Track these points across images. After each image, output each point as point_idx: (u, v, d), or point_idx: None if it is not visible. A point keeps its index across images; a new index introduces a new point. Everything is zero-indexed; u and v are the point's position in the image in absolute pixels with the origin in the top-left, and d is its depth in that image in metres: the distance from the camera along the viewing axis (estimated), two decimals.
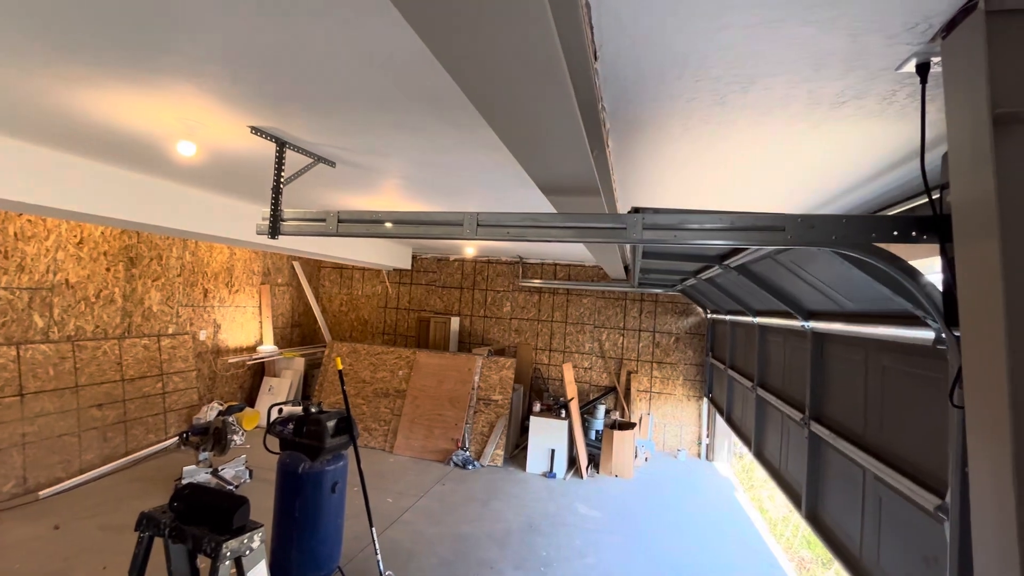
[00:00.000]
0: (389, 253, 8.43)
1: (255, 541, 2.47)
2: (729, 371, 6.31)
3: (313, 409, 3.79)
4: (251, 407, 7.94)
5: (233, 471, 5.56)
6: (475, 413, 7.26)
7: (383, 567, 3.89)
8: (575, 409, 7.02)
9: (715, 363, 7.37)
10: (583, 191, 2.11)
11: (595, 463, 7.15)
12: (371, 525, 3.91)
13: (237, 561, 2.42)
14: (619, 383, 8.38)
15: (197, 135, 2.87)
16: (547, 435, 6.86)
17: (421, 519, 5.17)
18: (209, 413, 6.74)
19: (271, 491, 3.74)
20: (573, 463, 7.02)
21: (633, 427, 7.27)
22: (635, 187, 3.25)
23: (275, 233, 2.77)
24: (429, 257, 9.48)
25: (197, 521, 2.46)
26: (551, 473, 6.68)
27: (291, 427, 3.73)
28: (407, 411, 7.46)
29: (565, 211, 2.60)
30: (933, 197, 1.63)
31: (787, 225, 1.90)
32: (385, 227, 2.49)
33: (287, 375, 8.36)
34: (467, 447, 7.02)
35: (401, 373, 7.77)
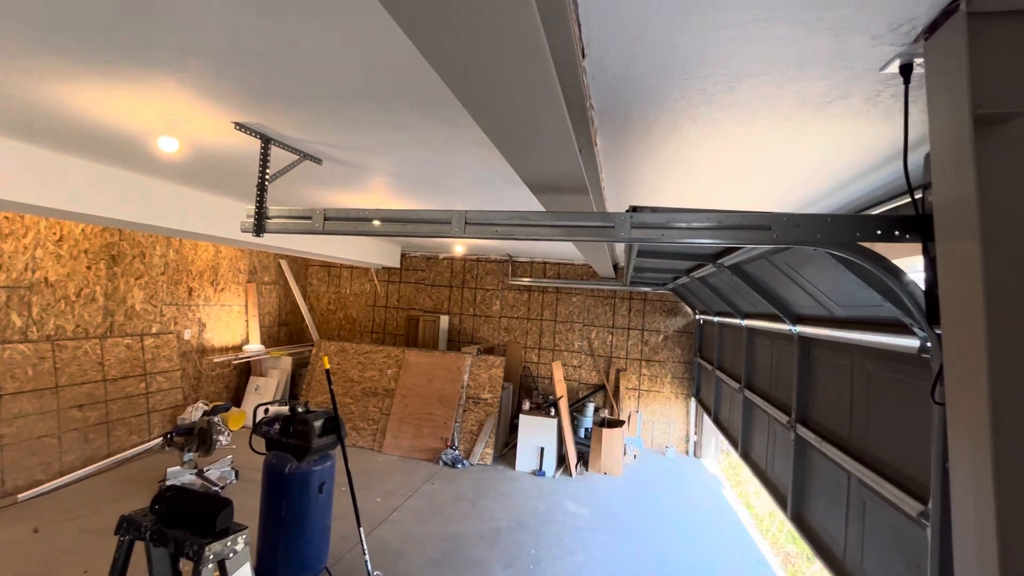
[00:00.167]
0: (378, 251, 8.37)
1: (239, 543, 2.44)
2: (717, 372, 6.35)
3: (300, 409, 3.75)
4: (237, 407, 7.84)
5: (219, 472, 5.49)
6: (464, 412, 7.25)
7: (371, 567, 3.87)
8: (564, 407, 7.03)
9: (703, 364, 7.42)
10: (571, 190, 2.11)
11: (584, 461, 7.18)
12: (359, 525, 3.88)
13: (220, 564, 2.38)
14: (608, 381, 8.42)
15: (179, 131, 2.82)
16: (536, 433, 6.86)
17: (410, 518, 5.15)
18: (194, 413, 6.65)
19: (258, 492, 3.69)
20: (562, 461, 7.03)
21: (622, 425, 7.30)
22: (633, 186, 3.25)
23: (260, 231, 2.73)
24: (418, 255, 9.44)
25: (179, 524, 2.42)
26: (540, 471, 6.69)
27: (277, 427, 3.69)
28: (396, 410, 7.42)
29: (554, 210, 2.60)
30: (916, 197, 1.65)
31: (773, 224, 1.91)
32: (372, 225, 2.46)
33: (274, 374, 8.27)
34: (456, 446, 7.00)
35: (390, 372, 7.73)
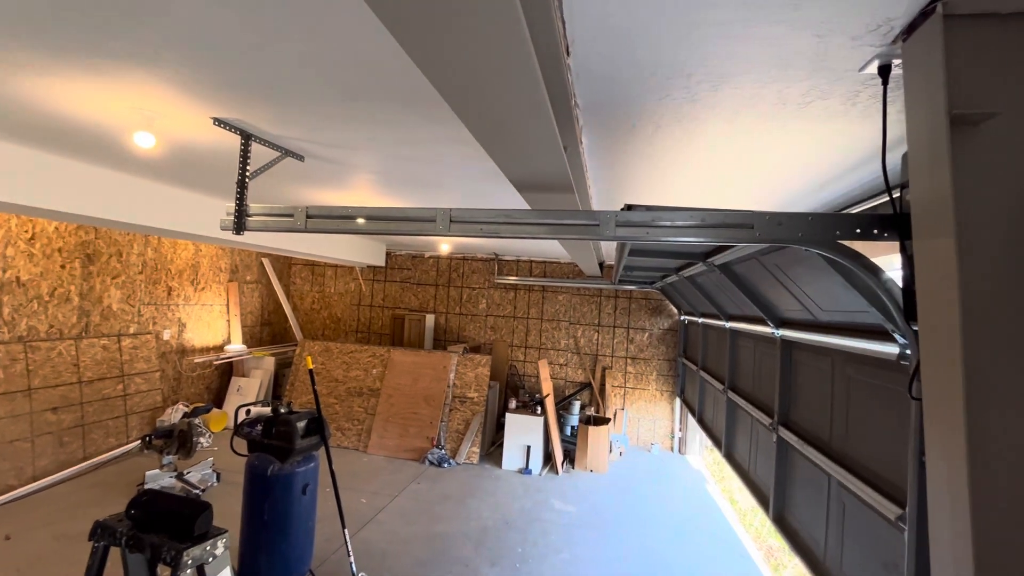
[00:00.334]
0: (362, 250, 8.29)
1: (219, 548, 2.39)
2: (701, 372, 6.40)
3: (283, 410, 3.69)
4: (218, 408, 7.69)
5: (199, 475, 5.38)
6: (450, 411, 7.22)
7: (355, 568, 3.83)
8: (550, 405, 7.05)
9: (687, 364, 7.48)
10: (556, 188, 2.11)
11: (570, 459, 7.20)
12: (343, 526, 3.84)
13: (200, 569, 2.33)
14: (594, 379, 8.46)
15: (156, 126, 2.75)
16: (523, 432, 6.87)
17: (395, 519, 5.11)
18: (174, 415, 6.51)
19: (240, 494, 3.63)
20: (549, 459, 7.05)
21: (608, 422, 7.35)
22: (628, 185, 3.25)
23: (240, 229, 2.68)
24: (404, 254, 9.37)
25: (156, 529, 2.36)
26: (527, 469, 6.70)
27: (260, 428, 3.63)
28: (381, 410, 7.36)
29: (539, 208, 2.59)
30: (894, 196, 1.68)
31: (756, 222, 1.92)
32: (356, 223, 2.43)
33: (256, 375, 8.14)
34: (442, 445, 6.97)
35: (375, 372, 7.66)
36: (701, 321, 6.58)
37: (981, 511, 1.11)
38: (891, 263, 1.99)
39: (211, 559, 2.35)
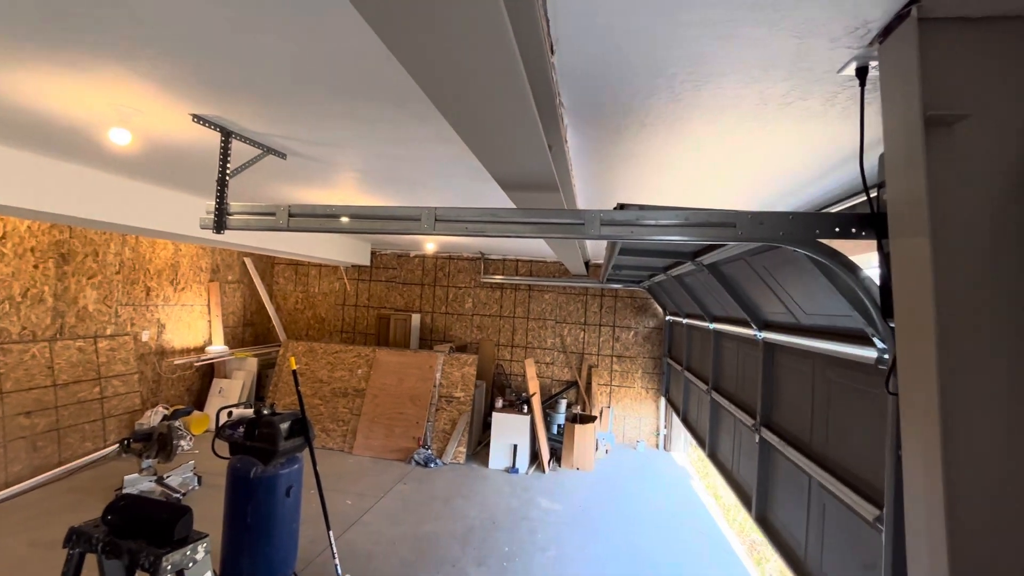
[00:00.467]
0: (347, 249, 8.21)
1: (199, 552, 2.35)
2: (686, 373, 6.45)
3: (265, 411, 3.64)
4: (200, 410, 7.57)
5: (180, 478, 5.28)
6: (437, 411, 7.19)
7: (340, 570, 3.80)
8: (537, 404, 7.06)
9: (672, 364, 7.53)
10: (541, 187, 2.11)
11: (557, 457, 7.22)
12: (328, 528, 3.80)
13: (180, 574, 2.29)
14: (580, 377, 8.50)
15: (132, 122, 2.69)
16: (509, 431, 6.87)
17: (381, 520, 5.08)
18: (153, 418, 6.37)
19: (222, 497, 3.57)
20: (535, 458, 7.06)
21: (594, 420, 7.38)
22: (621, 184, 3.26)
23: (220, 227, 2.64)
24: (389, 253, 9.30)
25: (134, 534, 2.31)
26: (513, 468, 6.70)
27: (242, 430, 3.57)
28: (367, 410, 7.30)
29: (525, 207, 2.59)
30: (871, 195, 1.71)
31: (738, 221, 1.94)
32: (340, 222, 2.41)
33: (239, 376, 8.02)
34: (429, 445, 6.94)
35: (360, 372, 7.60)
36: (686, 322, 6.62)
37: (955, 504, 1.14)
38: (870, 262, 2.03)
39: (191, 564, 2.31)
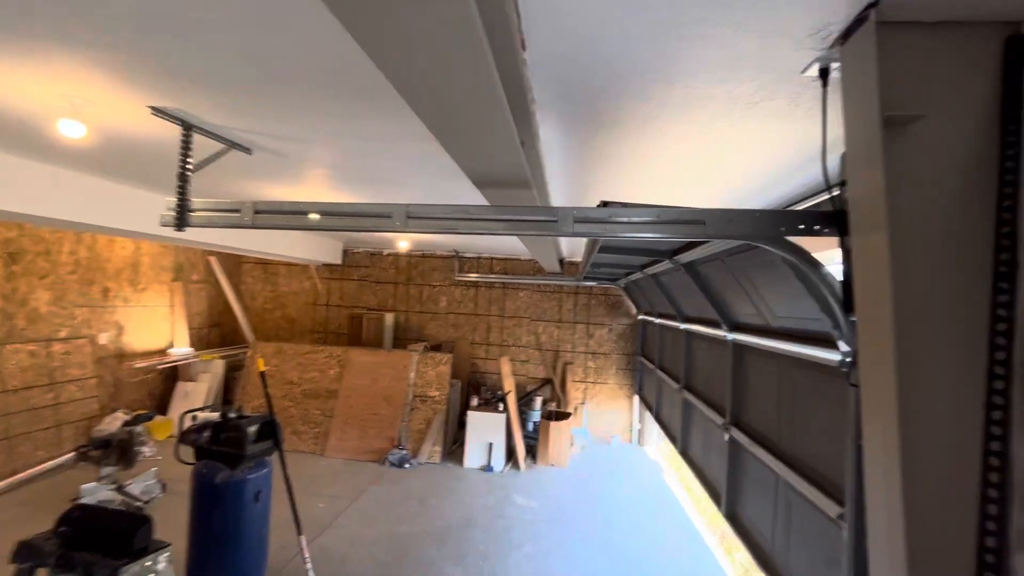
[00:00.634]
0: (317, 247, 8.04)
1: (160, 563, 2.26)
2: (658, 372, 6.55)
3: (232, 414, 3.53)
4: (163, 415, 7.30)
5: (142, 486, 5.08)
6: (411, 411, 7.12)
7: (313, 575, 3.72)
8: (512, 402, 7.07)
9: (645, 362, 7.63)
10: (513, 184, 2.10)
11: (533, 454, 7.25)
12: (299, 532, 3.71)
13: None
14: (556, 374, 8.54)
15: (86, 114, 2.56)
16: (485, 429, 6.86)
17: (355, 522, 5.00)
18: (113, 424, 6.11)
19: (188, 505, 3.44)
20: (511, 455, 7.07)
21: (569, 417, 7.44)
22: (603, 182, 3.27)
23: (182, 225, 2.54)
24: (361, 252, 9.15)
25: (89, 546, 2.20)
26: (489, 467, 6.69)
27: (207, 434, 3.46)
28: (339, 411, 7.17)
29: (498, 204, 2.58)
30: (834, 193, 1.76)
31: (707, 219, 1.97)
32: (308, 219, 2.34)
33: (205, 379, 7.76)
34: (404, 445, 6.87)
35: (332, 372, 7.45)
36: (659, 321, 6.70)
37: (912, 492, 1.18)
38: (835, 258, 2.09)
39: (152, 575, 2.22)
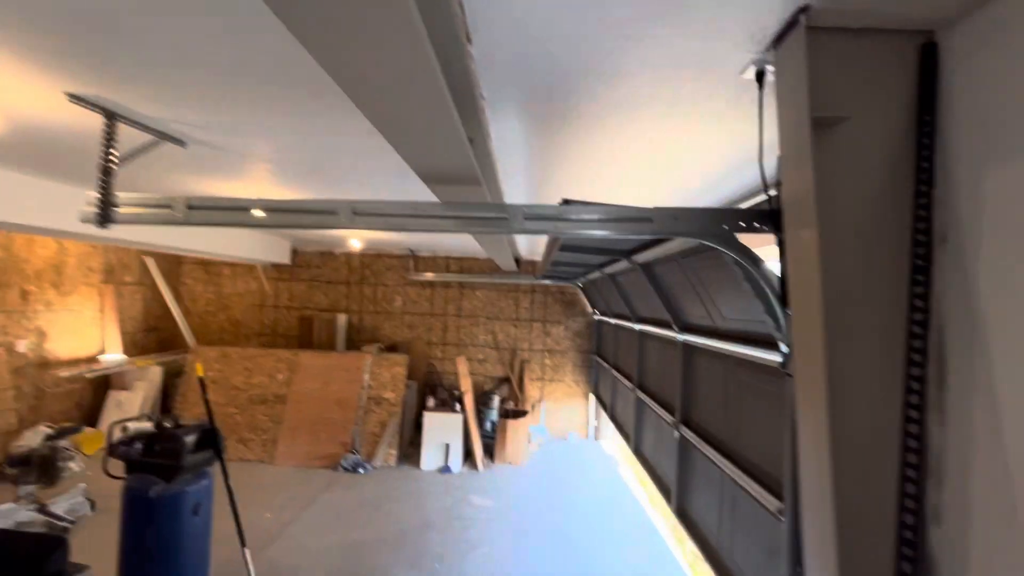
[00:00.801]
0: (264, 247, 7.70)
1: None
2: (613, 371, 6.67)
3: (168, 424, 3.32)
4: (92, 427, 6.79)
5: (67, 504, 4.70)
6: (366, 414, 6.95)
7: None
8: (469, 402, 7.03)
9: (600, 362, 7.76)
10: (462, 180, 2.07)
11: (491, 453, 7.23)
12: (243, 545, 3.54)
13: None
14: (513, 373, 8.56)
15: None
16: (442, 430, 6.78)
17: (306, 532, 4.82)
18: (34, 438, 5.63)
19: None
20: (469, 456, 7.03)
21: (526, 415, 7.47)
22: (564, 180, 3.27)
23: (105, 221, 2.35)
24: (311, 251, 8.84)
25: None
26: (446, 468, 6.63)
27: (140, 446, 3.23)
28: (289, 417, 6.90)
29: (449, 200, 2.54)
30: (771, 193, 1.84)
31: (654, 217, 2.02)
32: (249, 215, 2.23)
33: (140, 387, 7.28)
34: (357, 450, 6.69)
35: (281, 377, 7.17)
36: (613, 321, 6.83)
37: (840, 471, 1.25)
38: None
39: None
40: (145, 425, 3.40)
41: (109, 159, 2.47)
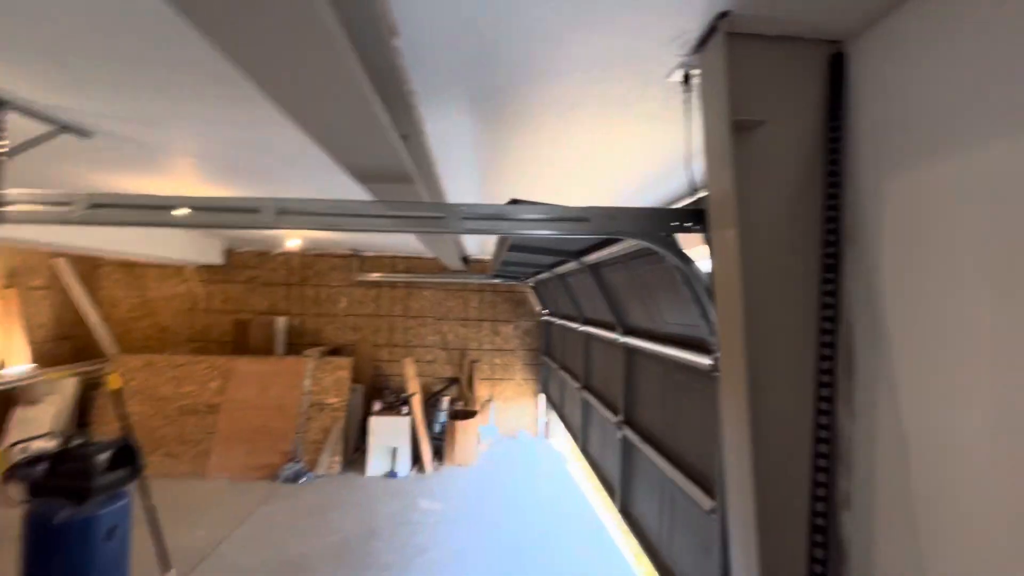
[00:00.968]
0: (194, 247, 7.22)
1: None
2: (560, 371, 6.73)
3: (77, 441, 3.03)
4: None
5: None
6: (307, 420, 6.66)
7: None
8: (417, 404, 6.89)
9: (550, 362, 7.81)
10: (395, 178, 2.00)
11: (440, 455, 7.13)
12: (167, 568, 3.29)
13: None
14: (463, 373, 8.48)
15: None
16: (388, 434, 6.62)
17: (240, 549, 4.55)
18: None
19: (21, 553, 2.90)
20: (418, 459, 6.90)
21: (476, 415, 7.42)
22: (515, 179, 3.23)
23: None
24: (247, 251, 8.38)
25: None
26: (393, 473, 6.47)
27: (44, 467, 2.93)
28: (223, 427, 6.51)
29: (385, 199, 2.46)
30: (701, 194, 1.89)
31: (592, 216, 2.02)
32: (161, 214, 2.05)
33: (52, 401, 6.64)
34: (299, 458, 6.41)
35: (214, 385, 6.75)
36: (561, 322, 6.86)
37: (760, 460, 1.29)
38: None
39: None
40: (50, 444, 3.10)
41: None
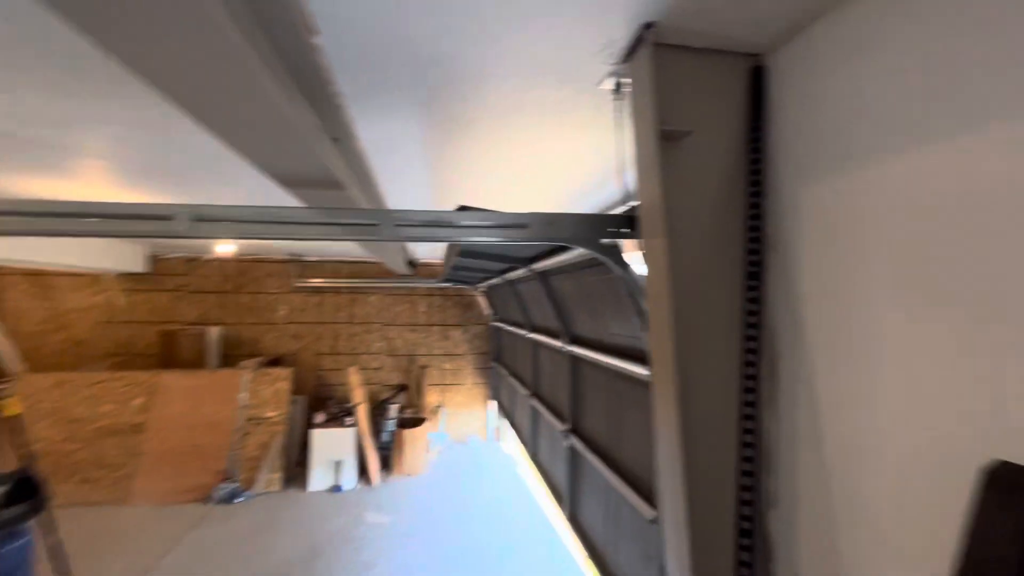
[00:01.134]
0: (111, 254, 6.66)
1: None
2: (510, 378, 6.71)
3: None
4: None
5: None
6: (244, 436, 6.29)
7: None
8: (362, 414, 6.67)
9: (499, 367, 7.78)
10: (323, 184, 1.90)
11: (388, 465, 6.93)
12: None
13: None
14: (411, 379, 8.30)
15: None
16: (332, 447, 6.36)
17: None
18: None
19: None
20: (365, 471, 6.67)
21: (424, 422, 7.27)
22: (466, 185, 3.16)
23: None
24: (175, 257, 7.82)
25: None
26: (338, 487, 6.22)
27: None
28: (149, 448, 6.04)
29: (315, 205, 2.34)
30: (634, 202, 1.91)
31: (530, 223, 2.00)
32: (56, 223, 1.85)
33: None
34: (235, 477, 6.04)
35: (137, 402, 6.24)
36: (511, 329, 6.86)
37: (690, 462, 1.31)
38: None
39: None
40: None
41: None
